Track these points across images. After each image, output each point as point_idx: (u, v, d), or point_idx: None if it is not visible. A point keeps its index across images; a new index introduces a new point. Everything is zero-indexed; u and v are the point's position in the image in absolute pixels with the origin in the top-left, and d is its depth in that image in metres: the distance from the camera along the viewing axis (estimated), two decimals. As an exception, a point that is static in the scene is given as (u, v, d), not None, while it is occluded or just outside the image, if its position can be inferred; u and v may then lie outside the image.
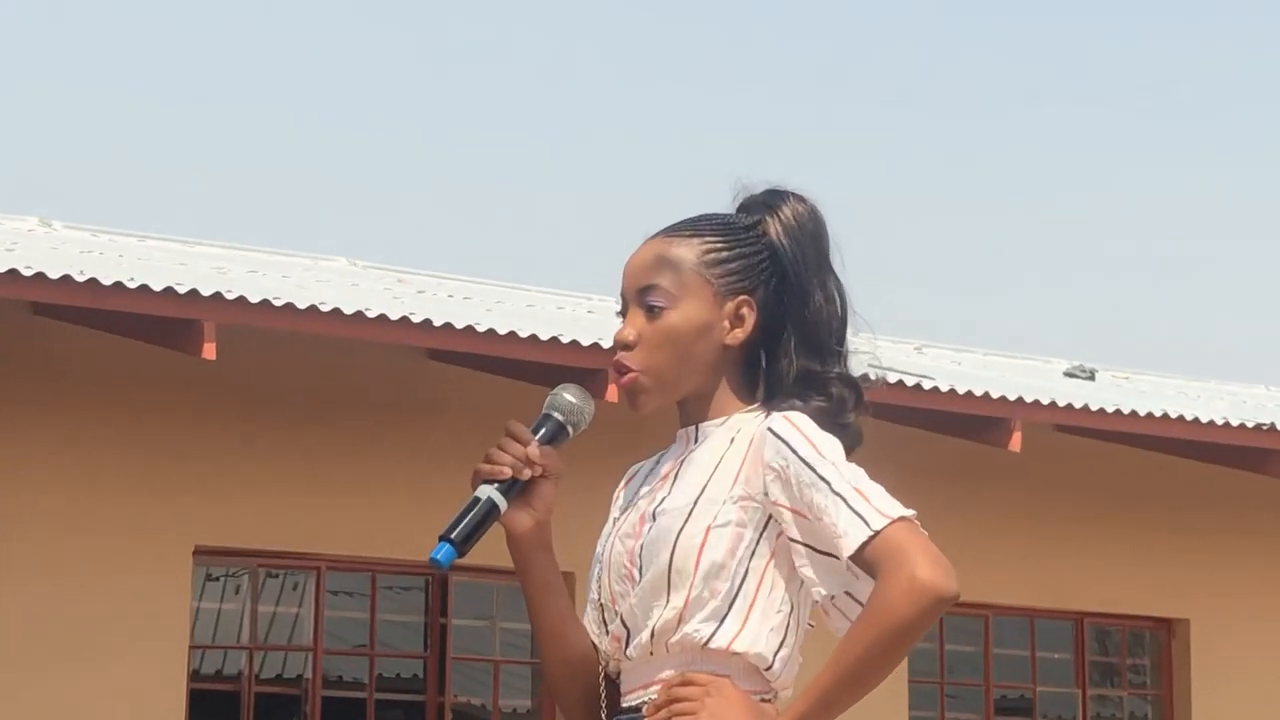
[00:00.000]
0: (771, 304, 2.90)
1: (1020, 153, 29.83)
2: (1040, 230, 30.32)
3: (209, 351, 8.51)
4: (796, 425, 2.82)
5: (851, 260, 3.00)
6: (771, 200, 2.96)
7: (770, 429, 2.83)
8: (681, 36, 28.94)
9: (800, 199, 2.96)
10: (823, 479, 2.77)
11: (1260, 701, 12.41)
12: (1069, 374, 13.60)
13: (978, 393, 10.31)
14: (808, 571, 2.81)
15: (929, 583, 2.69)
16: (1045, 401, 10.50)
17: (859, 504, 2.75)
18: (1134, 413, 10.80)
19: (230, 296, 8.58)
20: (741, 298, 2.89)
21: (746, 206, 2.97)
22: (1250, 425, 11.11)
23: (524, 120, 29.02)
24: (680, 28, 28.80)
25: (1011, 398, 10.39)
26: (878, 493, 2.77)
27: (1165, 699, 12.44)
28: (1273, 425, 11.17)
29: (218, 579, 10.29)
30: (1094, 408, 10.68)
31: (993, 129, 29.14)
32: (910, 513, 2.76)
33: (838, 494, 2.76)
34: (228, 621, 10.26)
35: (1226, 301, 30.73)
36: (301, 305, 8.77)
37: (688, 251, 2.90)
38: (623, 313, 2.95)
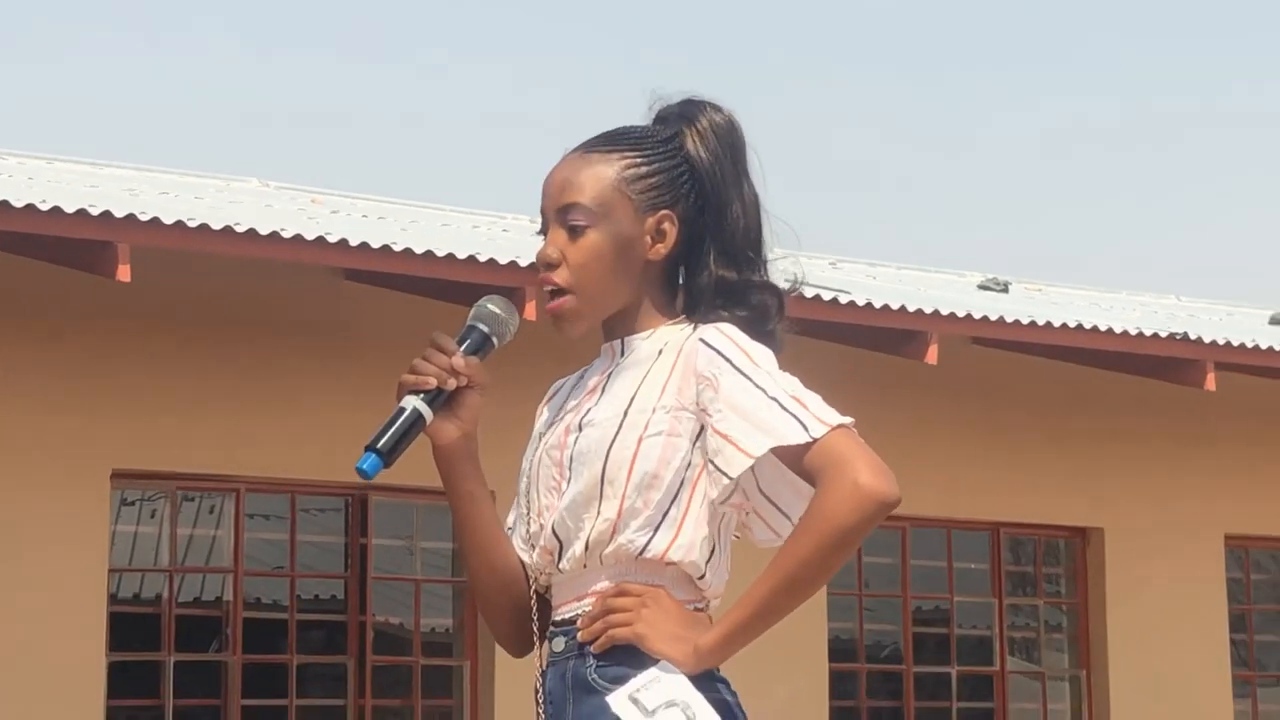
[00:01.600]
0: (692, 216, 2.90)
1: (933, 70, 29.88)
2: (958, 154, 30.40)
3: (124, 274, 8.44)
4: (729, 335, 2.83)
5: (769, 172, 3.01)
6: (688, 111, 2.95)
7: (702, 339, 2.83)
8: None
9: (716, 108, 2.95)
10: (759, 387, 2.78)
11: (1172, 607, 12.57)
12: (983, 287, 13.68)
13: (894, 306, 10.36)
14: (715, 460, 2.79)
15: (872, 488, 2.70)
16: (960, 314, 10.56)
17: (798, 410, 2.76)
18: (1049, 324, 10.87)
19: (144, 218, 8.51)
20: (663, 212, 2.89)
21: (663, 118, 2.96)
22: (1163, 335, 11.20)
23: (421, 41, 28.82)
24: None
25: (927, 311, 10.44)
26: (815, 401, 2.78)
27: (1080, 607, 12.58)
28: (1185, 335, 11.27)
29: (133, 503, 10.24)
30: (1009, 319, 10.75)
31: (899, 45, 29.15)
32: (849, 420, 2.77)
33: (774, 399, 2.76)
34: (145, 545, 10.23)
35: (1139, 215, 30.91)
36: (216, 226, 8.71)
37: (606, 168, 2.89)
38: (543, 231, 2.93)
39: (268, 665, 10.36)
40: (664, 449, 2.82)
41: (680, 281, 2.94)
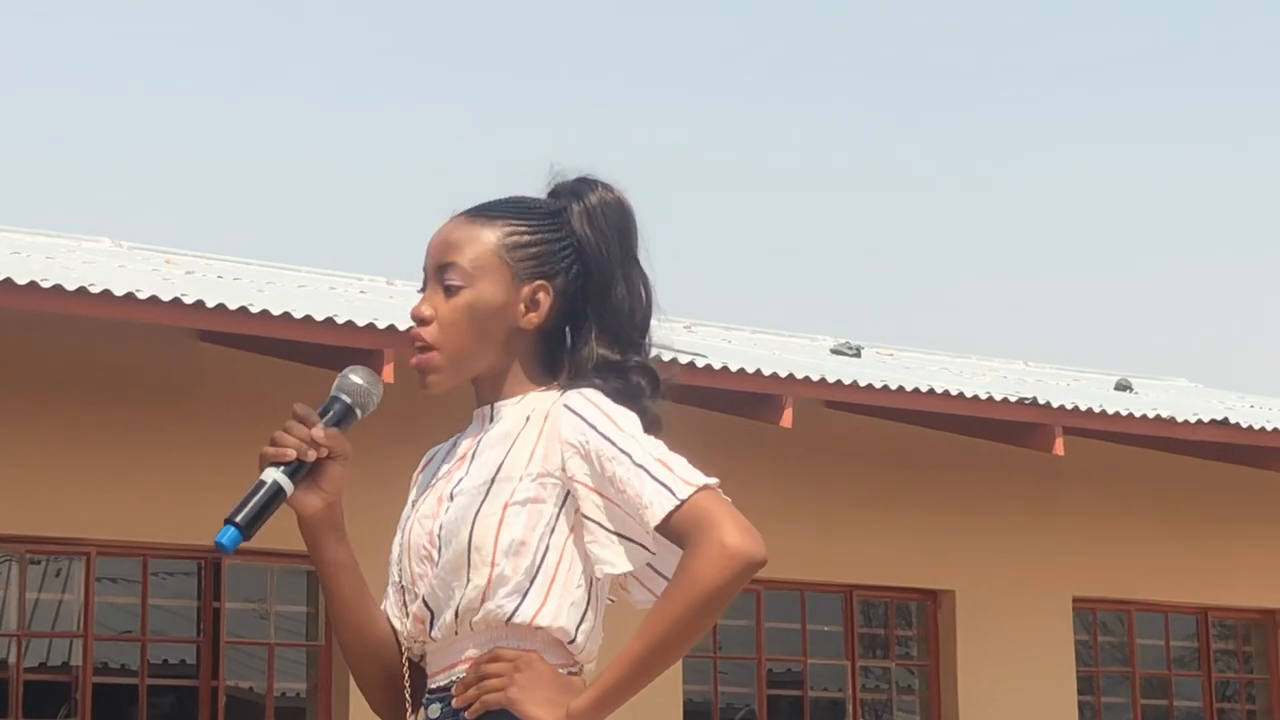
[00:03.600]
0: (573, 291, 2.94)
1: (786, 129, 30.15)
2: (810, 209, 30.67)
3: (-25, 335, 8.36)
4: (592, 401, 2.86)
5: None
6: (580, 188, 2.99)
7: (567, 405, 2.86)
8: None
9: (608, 189, 3.00)
10: (624, 452, 2.81)
11: (1022, 669, 12.70)
12: (836, 351, 13.81)
13: (750, 370, 10.43)
14: (595, 549, 2.84)
15: (739, 549, 2.74)
16: (815, 378, 10.65)
17: (663, 474, 2.80)
18: (901, 388, 10.99)
19: (-4, 278, 8.42)
20: (539, 282, 2.93)
21: (556, 192, 3.01)
22: (1013, 400, 11.35)
23: (282, 96, 28.73)
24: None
25: (783, 374, 10.52)
26: (680, 463, 2.82)
27: (932, 669, 12.68)
28: (1034, 400, 11.43)
29: (-21, 567, 10.10)
30: (862, 383, 10.85)
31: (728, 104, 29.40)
32: (714, 481, 2.81)
33: (640, 466, 2.80)
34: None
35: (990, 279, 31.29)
36: (70, 287, 8.63)
37: (489, 233, 2.93)
38: (424, 288, 2.97)
39: (118, 731, 10.23)
40: (530, 515, 2.85)
41: (566, 354, 2.97)
